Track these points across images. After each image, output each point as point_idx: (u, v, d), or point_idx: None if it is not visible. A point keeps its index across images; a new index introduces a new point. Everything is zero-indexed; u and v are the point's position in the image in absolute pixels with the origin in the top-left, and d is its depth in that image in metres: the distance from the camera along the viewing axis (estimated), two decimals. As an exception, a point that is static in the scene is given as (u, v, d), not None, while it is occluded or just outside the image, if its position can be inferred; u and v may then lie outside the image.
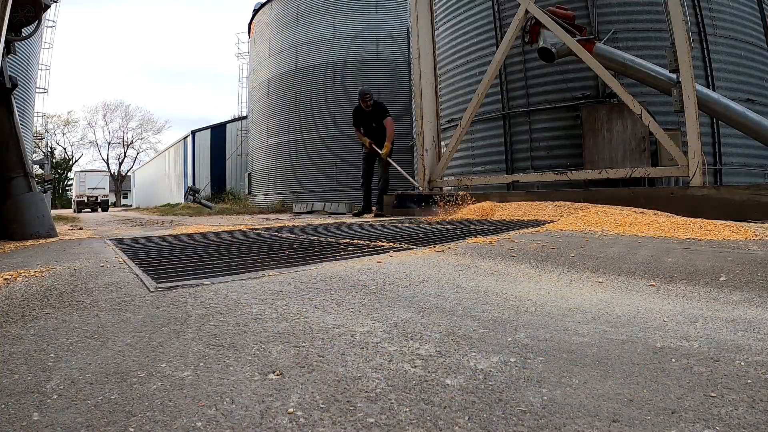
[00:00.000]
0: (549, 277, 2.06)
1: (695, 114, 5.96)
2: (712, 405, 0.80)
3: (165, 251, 3.12)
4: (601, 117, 8.30)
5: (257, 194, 19.62)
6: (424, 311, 1.48)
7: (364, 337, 1.21)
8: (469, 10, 10.25)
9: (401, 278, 2.02)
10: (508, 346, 1.14)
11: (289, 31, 18.75)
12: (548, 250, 2.76)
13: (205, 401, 0.85)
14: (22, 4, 5.03)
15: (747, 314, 1.42)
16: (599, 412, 0.79)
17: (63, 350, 1.14)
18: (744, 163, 8.55)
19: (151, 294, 1.75)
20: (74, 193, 35.22)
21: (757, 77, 8.85)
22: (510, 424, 0.75)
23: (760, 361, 1.01)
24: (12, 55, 6.26)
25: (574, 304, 1.57)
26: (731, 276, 1.97)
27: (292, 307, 1.52)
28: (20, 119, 6.42)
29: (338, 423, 0.77)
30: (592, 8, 8.65)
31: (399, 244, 3.14)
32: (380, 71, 17.36)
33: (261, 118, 19.87)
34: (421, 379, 0.94)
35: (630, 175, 6.60)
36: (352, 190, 16.91)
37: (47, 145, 31.20)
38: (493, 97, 9.57)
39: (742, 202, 5.16)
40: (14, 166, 4.91)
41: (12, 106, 5.06)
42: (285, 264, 2.42)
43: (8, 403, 0.85)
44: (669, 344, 1.13)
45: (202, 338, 1.22)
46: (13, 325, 1.38)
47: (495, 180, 8.60)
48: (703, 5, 8.55)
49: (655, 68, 7.29)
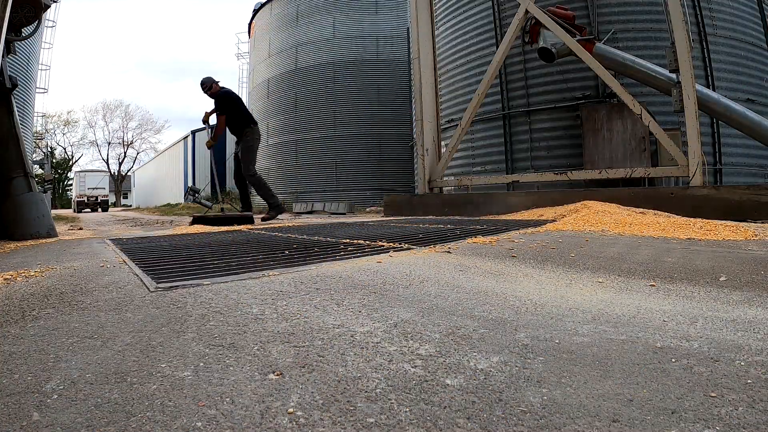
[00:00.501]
0: (549, 277, 2.06)
1: (695, 114, 5.96)
2: (712, 405, 0.80)
3: (165, 251, 3.12)
4: (601, 117, 8.30)
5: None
6: (424, 311, 1.48)
7: (364, 337, 1.21)
8: (469, 10, 10.26)
9: (401, 278, 2.02)
10: (508, 346, 1.14)
11: (289, 31, 18.76)
12: (548, 250, 2.76)
13: (205, 401, 0.85)
14: (22, 4, 5.03)
15: (747, 314, 1.42)
16: (599, 412, 0.79)
17: (63, 350, 1.14)
18: (744, 163, 8.55)
19: (151, 294, 1.75)
20: (74, 193, 35.22)
21: (757, 77, 8.86)
22: (510, 425, 0.75)
23: (760, 361, 1.01)
24: (12, 55, 6.26)
25: (574, 304, 1.57)
26: (731, 276, 1.97)
27: (292, 307, 1.52)
28: (20, 119, 6.42)
29: (338, 423, 0.77)
30: (592, 8, 8.65)
31: (399, 244, 3.14)
32: (380, 71, 17.36)
33: (261, 118, 19.85)
34: (421, 379, 0.94)
35: (630, 175, 6.60)
36: (352, 190, 16.94)
37: (47, 145, 31.21)
38: (493, 97, 9.58)
39: (742, 202, 5.16)
40: (14, 166, 4.91)
41: (12, 106, 5.05)
42: (285, 264, 2.42)
43: (8, 403, 0.85)
44: (669, 344, 1.13)
45: (202, 338, 1.22)
46: (13, 325, 1.38)
47: (495, 180, 8.61)
48: (703, 5, 8.55)
49: (655, 68, 7.29)
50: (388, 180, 16.77)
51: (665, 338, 1.18)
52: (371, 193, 16.68)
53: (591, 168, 7.89)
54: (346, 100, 17.40)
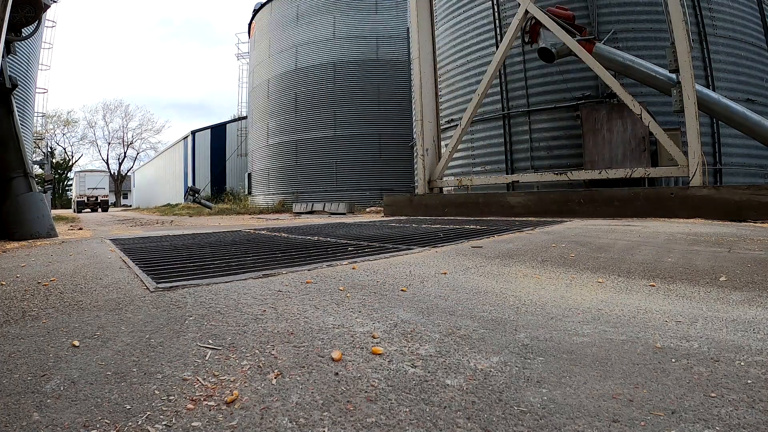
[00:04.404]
0: (549, 278, 2.06)
1: (695, 114, 5.96)
2: (712, 405, 0.80)
3: (165, 251, 3.12)
4: (601, 117, 8.30)
5: (257, 194, 19.64)
6: (424, 311, 1.48)
7: (364, 338, 1.21)
8: (469, 10, 10.25)
9: (401, 278, 2.02)
10: (508, 346, 1.14)
11: (289, 31, 18.76)
12: (548, 251, 2.76)
13: (205, 401, 0.85)
14: (22, 4, 5.03)
15: (747, 314, 1.42)
16: (599, 412, 0.79)
17: (63, 350, 1.14)
18: (744, 163, 8.55)
19: (151, 294, 1.75)
20: (74, 193, 35.18)
21: (757, 77, 8.85)
22: (510, 425, 0.75)
23: (760, 361, 1.01)
24: (12, 55, 6.26)
25: (574, 304, 1.57)
26: (731, 276, 1.97)
27: (292, 307, 1.52)
28: (20, 119, 6.42)
29: (338, 423, 0.77)
30: (592, 8, 8.65)
31: (399, 245, 3.14)
32: (380, 71, 17.37)
33: (261, 118, 19.89)
34: (421, 379, 0.94)
35: (630, 175, 6.60)
36: (353, 190, 16.93)
37: (47, 145, 31.13)
38: (493, 97, 9.58)
39: (742, 202, 5.16)
40: (14, 167, 4.91)
41: (12, 106, 5.06)
42: (285, 264, 2.42)
43: (8, 403, 0.85)
44: (669, 344, 1.13)
45: (202, 338, 1.22)
46: (13, 325, 1.38)
47: (495, 180, 8.60)
48: (703, 5, 8.55)
49: (655, 68, 7.29)
50: (388, 180, 16.77)
51: (665, 338, 1.18)
52: (371, 193, 16.69)
53: (591, 168, 7.89)
54: (346, 100, 17.40)
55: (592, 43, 7.52)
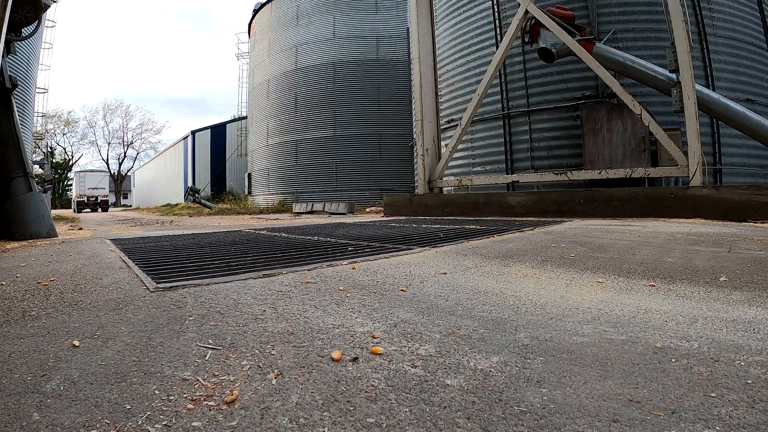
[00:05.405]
0: (549, 277, 2.06)
1: (695, 114, 5.96)
2: (712, 405, 0.80)
3: (165, 251, 3.12)
4: (601, 117, 8.30)
5: (257, 194, 19.64)
6: (424, 311, 1.48)
7: (364, 337, 1.21)
8: (469, 10, 10.25)
9: (401, 278, 2.02)
10: (508, 346, 1.14)
11: (289, 31, 18.76)
12: (548, 251, 2.76)
13: (205, 401, 0.85)
14: (22, 4, 5.03)
15: (747, 314, 1.42)
16: (599, 412, 0.79)
17: (63, 350, 1.14)
18: (744, 163, 8.55)
19: (151, 294, 1.75)
20: (74, 193, 35.17)
21: (757, 77, 8.85)
22: (510, 425, 0.75)
23: (760, 361, 1.01)
24: (12, 55, 6.26)
25: (574, 304, 1.57)
26: (731, 276, 1.97)
27: (292, 307, 1.52)
28: (20, 119, 6.42)
29: (338, 423, 0.77)
30: (592, 8, 8.65)
31: (399, 245, 3.14)
32: (380, 71, 17.37)
33: (261, 118, 19.88)
34: (421, 379, 0.94)
35: (630, 175, 6.60)
36: (353, 190, 16.93)
37: (47, 145, 31.16)
38: (493, 97, 9.58)
39: (742, 202, 5.16)
40: (14, 166, 4.91)
41: (12, 106, 5.06)
42: (285, 264, 2.42)
43: (8, 403, 0.85)
44: (669, 344, 1.13)
45: (202, 338, 1.22)
46: (13, 325, 1.38)
47: (495, 180, 8.60)
48: (703, 5, 8.55)
49: (655, 68, 7.29)
50: (388, 180, 16.78)
51: (665, 338, 1.18)
52: (371, 193, 16.69)
53: (591, 168, 7.89)
54: (346, 100, 17.40)
55: (592, 43, 7.52)
